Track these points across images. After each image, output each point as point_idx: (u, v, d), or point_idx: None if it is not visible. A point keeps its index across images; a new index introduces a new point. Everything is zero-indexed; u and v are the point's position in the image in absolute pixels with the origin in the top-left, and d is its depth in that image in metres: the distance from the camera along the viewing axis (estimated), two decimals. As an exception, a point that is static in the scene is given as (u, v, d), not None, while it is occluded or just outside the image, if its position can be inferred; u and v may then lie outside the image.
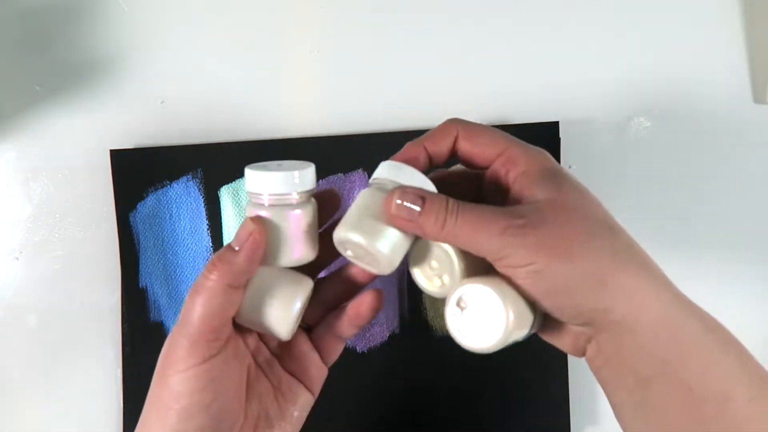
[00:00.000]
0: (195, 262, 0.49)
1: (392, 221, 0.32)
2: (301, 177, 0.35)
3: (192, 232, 0.49)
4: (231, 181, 0.49)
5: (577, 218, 0.31)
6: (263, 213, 0.34)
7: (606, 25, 0.51)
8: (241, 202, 0.49)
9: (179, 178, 0.48)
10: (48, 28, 0.47)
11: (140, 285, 0.48)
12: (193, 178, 0.48)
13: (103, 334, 0.49)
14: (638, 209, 0.53)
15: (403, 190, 0.32)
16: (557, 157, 0.50)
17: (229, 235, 0.49)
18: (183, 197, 0.48)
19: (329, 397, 0.39)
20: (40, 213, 0.49)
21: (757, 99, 0.52)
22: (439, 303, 0.51)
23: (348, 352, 0.50)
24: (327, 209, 0.37)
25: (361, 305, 0.36)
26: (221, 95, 0.49)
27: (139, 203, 0.48)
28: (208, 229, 0.49)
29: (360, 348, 0.50)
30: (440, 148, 0.35)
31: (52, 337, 0.49)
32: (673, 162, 0.53)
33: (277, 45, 0.49)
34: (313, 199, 0.36)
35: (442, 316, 0.51)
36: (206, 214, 0.49)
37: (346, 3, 0.49)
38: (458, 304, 0.32)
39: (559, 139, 0.50)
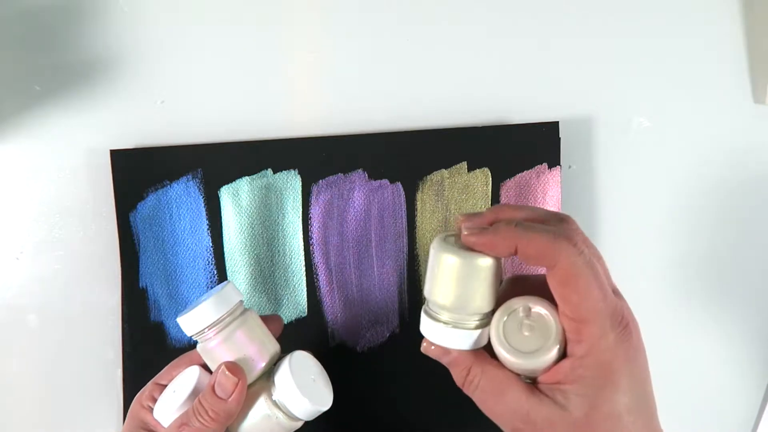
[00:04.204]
0: (195, 262, 0.49)
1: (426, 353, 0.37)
2: (224, 296, 0.38)
3: (192, 232, 0.49)
4: (231, 181, 0.49)
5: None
6: (214, 346, 0.38)
7: (606, 24, 0.51)
8: (241, 202, 0.49)
9: (179, 178, 0.48)
10: (48, 28, 0.47)
11: (140, 285, 0.48)
12: (193, 178, 0.48)
13: (103, 334, 0.49)
14: (638, 209, 0.53)
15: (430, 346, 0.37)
16: (557, 156, 0.50)
17: (229, 234, 0.49)
18: (183, 197, 0.48)
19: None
20: (40, 213, 0.49)
21: (757, 99, 0.52)
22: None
23: (348, 352, 0.50)
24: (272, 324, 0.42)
25: None
26: (221, 95, 0.49)
27: (139, 203, 0.48)
28: (208, 229, 0.49)
29: (360, 348, 0.50)
30: (533, 260, 0.33)
31: (52, 337, 0.49)
32: (673, 162, 0.53)
33: (277, 45, 0.49)
34: (243, 307, 0.40)
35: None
36: (206, 214, 0.49)
37: (347, 3, 0.49)
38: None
39: (559, 139, 0.50)
